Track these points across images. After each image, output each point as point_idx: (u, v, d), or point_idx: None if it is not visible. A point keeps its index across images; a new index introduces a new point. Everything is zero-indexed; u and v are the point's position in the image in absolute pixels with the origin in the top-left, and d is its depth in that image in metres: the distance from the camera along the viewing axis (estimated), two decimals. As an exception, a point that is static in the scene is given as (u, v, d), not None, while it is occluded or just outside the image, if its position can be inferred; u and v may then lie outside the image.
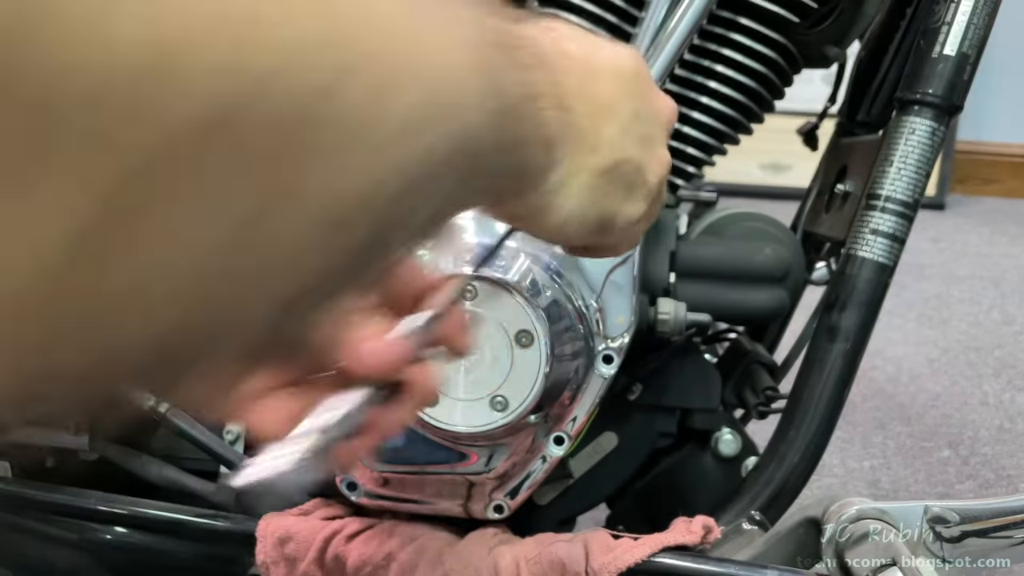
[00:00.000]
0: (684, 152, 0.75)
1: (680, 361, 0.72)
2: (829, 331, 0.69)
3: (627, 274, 0.65)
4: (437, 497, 0.66)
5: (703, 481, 0.76)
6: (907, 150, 0.69)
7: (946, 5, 0.70)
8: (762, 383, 0.77)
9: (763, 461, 0.70)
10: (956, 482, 1.36)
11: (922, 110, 0.69)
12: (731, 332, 0.85)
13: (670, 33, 0.71)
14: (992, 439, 1.46)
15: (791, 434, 0.68)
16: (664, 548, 0.60)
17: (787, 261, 0.71)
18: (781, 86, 0.76)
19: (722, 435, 0.75)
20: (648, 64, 0.71)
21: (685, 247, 0.71)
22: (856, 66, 0.86)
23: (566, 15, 0.73)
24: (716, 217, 0.74)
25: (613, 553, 0.59)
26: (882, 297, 0.70)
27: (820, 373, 0.69)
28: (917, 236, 0.73)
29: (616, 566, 0.58)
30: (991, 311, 1.97)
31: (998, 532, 0.62)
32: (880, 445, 1.45)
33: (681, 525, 0.62)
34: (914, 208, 0.69)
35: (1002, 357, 1.75)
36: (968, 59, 0.69)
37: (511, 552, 0.62)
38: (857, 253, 0.69)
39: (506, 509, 0.67)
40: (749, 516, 0.67)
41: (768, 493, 0.68)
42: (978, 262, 2.26)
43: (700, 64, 0.73)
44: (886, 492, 1.33)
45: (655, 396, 0.72)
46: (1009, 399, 1.59)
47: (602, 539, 0.61)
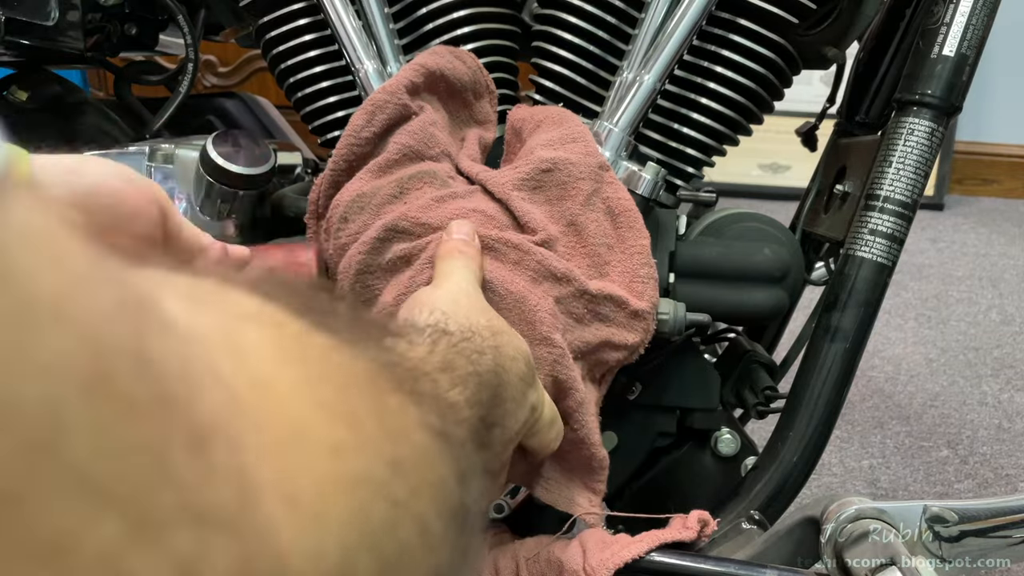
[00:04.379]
0: (683, 152, 0.75)
1: (679, 361, 0.72)
2: (828, 331, 0.70)
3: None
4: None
5: (702, 481, 0.76)
6: (906, 150, 0.69)
7: (945, 6, 0.70)
8: (761, 383, 0.77)
9: (762, 461, 0.70)
10: (955, 481, 1.36)
11: (921, 111, 0.69)
12: (730, 332, 0.85)
13: (670, 34, 0.71)
14: (991, 438, 1.47)
15: (790, 434, 0.69)
16: (661, 545, 0.60)
17: (786, 261, 0.71)
18: (780, 87, 0.77)
19: (721, 435, 0.75)
20: (648, 64, 0.71)
21: (684, 247, 0.71)
22: (855, 67, 0.86)
23: (566, 16, 0.73)
24: (715, 217, 0.74)
25: (610, 550, 0.59)
26: (881, 297, 0.70)
27: (819, 373, 0.69)
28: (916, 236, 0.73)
29: (613, 562, 0.58)
30: (989, 311, 1.97)
31: (997, 532, 0.62)
32: (879, 445, 1.45)
33: (678, 521, 0.62)
34: (913, 208, 0.70)
35: (1000, 357, 1.75)
36: (967, 60, 0.69)
37: (511, 552, 0.62)
38: (856, 253, 0.70)
39: (506, 509, 0.67)
40: (748, 515, 0.68)
41: (767, 492, 0.68)
42: (976, 262, 2.26)
43: (699, 65, 0.73)
44: (885, 491, 1.33)
45: (655, 396, 0.72)
46: (1008, 399, 1.59)
47: (598, 537, 0.61)
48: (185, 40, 0.80)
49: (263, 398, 0.20)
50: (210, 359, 0.19)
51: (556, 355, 0.59)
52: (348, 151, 0.66)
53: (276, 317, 0.23)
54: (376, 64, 0.74)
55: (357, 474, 0.22)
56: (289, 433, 0.20)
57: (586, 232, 0.64)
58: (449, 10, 0.74)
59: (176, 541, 0.16)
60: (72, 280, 0.16)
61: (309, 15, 0.75)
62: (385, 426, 0.24)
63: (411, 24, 0.75)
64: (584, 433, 0.60)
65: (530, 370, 0.50)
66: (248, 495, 0.18)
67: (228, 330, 0.21)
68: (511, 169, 0.66)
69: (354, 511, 0.21)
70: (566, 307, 0.62)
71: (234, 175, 0.71)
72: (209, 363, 0.19)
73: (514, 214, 0.64)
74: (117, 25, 0.83)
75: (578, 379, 0.60)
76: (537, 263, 0.61)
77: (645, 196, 0.70)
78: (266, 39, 0.77)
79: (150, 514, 0.16)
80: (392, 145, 0.66)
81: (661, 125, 0.74)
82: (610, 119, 0.72)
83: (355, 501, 0.22)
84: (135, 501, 0.15)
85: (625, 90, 0.72)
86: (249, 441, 0.19)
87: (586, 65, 0.74)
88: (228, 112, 1.03)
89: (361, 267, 0.62)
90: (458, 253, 0.57)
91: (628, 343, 0.63)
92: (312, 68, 0.76)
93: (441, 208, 0.63)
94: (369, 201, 0.64)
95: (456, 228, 0.59)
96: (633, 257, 0.64)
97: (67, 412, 0.15)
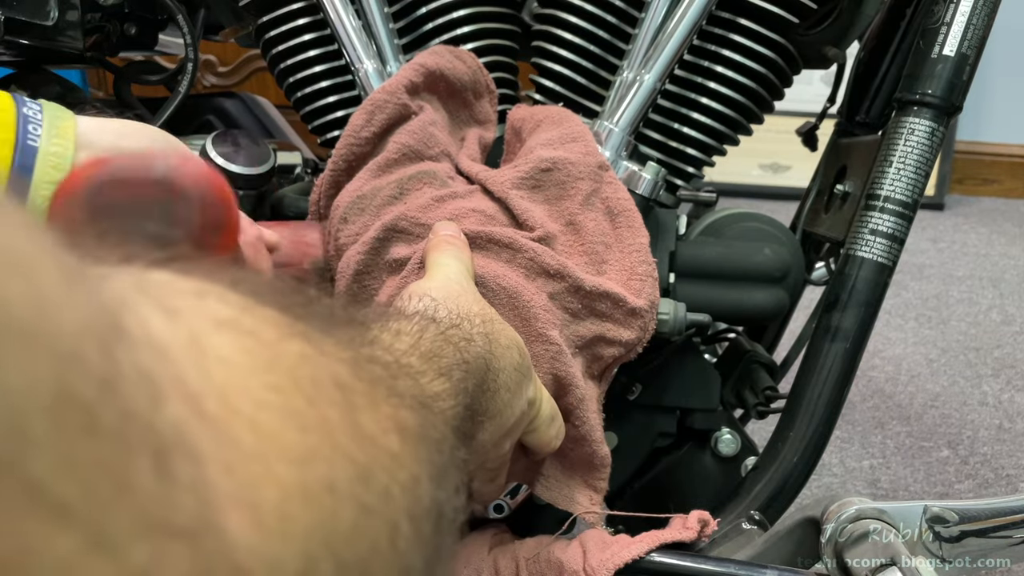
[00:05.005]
0: (684, 152, 0.75)
1: (680, 361, 0.72)
2: (828, 331, 0.69)
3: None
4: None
5: (703, 481, 0.76)
6: (906, 150, 0.69)
7: (945, 6, 0.70)
8: (761, 383, 0.77)
9: (762, 461, 0.70)
10: (955, 482, 1.36)
11: (921, 110, 0.69)
12: (730, 332, 0.85)
13: (670, 33, 0.71)
14: (991, 439, 1.46)
15: (790, 434, 0.69)
16: (661, 545, 0.60)
17: (786, 261, 0.71)
18: (780, 87, 0.76)
19: (721, 435, 0.75)
20: (648, 64, 0.71)
21: (685, 247, 0.71)
22: (855, 67, 0.86)
23: (566, 15, 0.73)
24: (715, 217, 0.74)
25: (610, 550, 0.59)
26: (881, 297, 0.70)
27: (819, 373, 0.69)
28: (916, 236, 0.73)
29: (613, 562, 0.58)
30: (990, 311, 1.97)
31: (997, 532, 0.62)
32: (879, 445, 1.45)
33: (677, 521, 0.62)
34: (913, 208, 0.69)
35: (1001, 357, 1.75)
36: (967, 60, 0.69)
37: (511, 552, 0.62)
38: (856, 253, 0.69)
39: (506, 509, 0.67)
40: (748, 516, 0.67)
41: (767, 493, 0.68)
42: (977, 262, 2.26)
43: (700, 65, 0.73)
44: (885, 492, 1.33)
45: (655, 396, 0.72)
46: (1008, 399, 1.59)
47: (599, 537, 0.61)
48: (185, 40, 0.80)
49: (230, 410, 0.21)
50: (178, 371, 0.20)
51: (554, 352, 0.59)
52: (348, 151, 0.66)
53: (251, 323, 0.24)
54: (376, 64, 0.74)
55: (324, 482, 0.22)
56: (254, 443, 0.21)
57: (584, 231, 0.64)
58: (449, 10, 0.74)
59: (133, 554, 0.17)
60: (42, 300, 0.16)
61: (309, 15, 0.75)
62: (357, 431, 0.25)
63: (411, 24, 0.75)
64: (586, 430, 0.60)
65: (524, 360, 0.49)
66: (208, 507, 0.19)
67: (199, 339, 0.21)
68: (511, 168, 0.66)
69: (319, 519, 0.22)
70: (560, 303, 0.62)
71: (234, 175, 0.71)
72: (176, 375, 0.20)
73: (513, 213, 0.64)
74: (116, 25, 0.83)
75: (578, 375, 0.60)
76: (529, 260, 0.61)
77: (645, 196, 0.70)
78: (266, 39, 0.77)
79: (108, 528, 0.16)
80: (392, 145, 0.66)
81: (661, 125, 0.74)
82: (610, 119, 0.71)
83: (321, 509, 0.22)
84: (94, 516, 0.16)
85: (625, 90, 0.72)
86: (212, 453, 0.19)
87: (586, 65, 0.73)
88: (228, 112, 1.03)
89: (360, 267, 0.62)
90: (447, 245, 0.57)
91: (623, 339, 0.63)
92: (312, 68, 0.76)
93: (441, 208, 0.63)
94: (369, 203, 0.64)
95: (442, 227, 0.60)
96: (631, 255, 0.64)
97: (30, 432, 0.15)
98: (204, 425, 0.20)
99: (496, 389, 0.45)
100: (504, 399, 0.46)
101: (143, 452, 0.17)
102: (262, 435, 0.21)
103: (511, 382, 0.47)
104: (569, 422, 0.60)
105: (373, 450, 0.25)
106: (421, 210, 0.62)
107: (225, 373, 0.21)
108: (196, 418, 0.19)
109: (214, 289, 0.23)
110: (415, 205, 0.62)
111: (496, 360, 0.45)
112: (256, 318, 0.24)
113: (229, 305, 0.23)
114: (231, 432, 0.20)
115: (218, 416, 0.20)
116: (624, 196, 0.65)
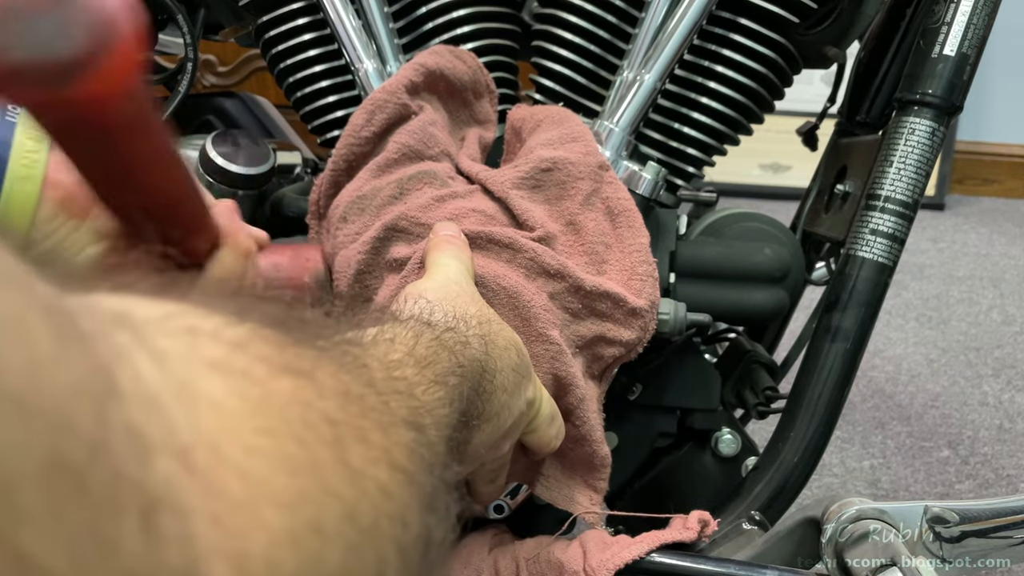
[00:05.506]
0: (684, 152, 0.75)
1: (680, 361, 0.72)
2: (829, 331, 0.69)
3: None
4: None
5: (703, 481, 0.76)
6: (907, 150, 0.69)
7: (946, 5, 0.70)
8: (762, 383, 0.77)
9: (763, 461, 0.70)
10: (956, 482, 1.36)
11: (922, 110, 0.69)
12: (731, 332, 0.85)
13: (670, 33, 0.71)
14: (992, 439, 1.46)
15: (791, 434, 0.68)
16: (661, 545, 0.60)
17: (787, 261, 0.71)
18: (781, 86, 0.76)
19: (722, 435, 0.75)
20: (649, 64, 0.71)
21: (685, 247, 0.71)
22: (856, 66, 0.86)
23: (566, 15, 0.73)
24: (716, 217, 0.74)
25: (611, 550, 0.59)
26: (882, 297, 0.70)
27: (820, 373, 0.69)
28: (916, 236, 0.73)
29: (614, 563, 0.58)
30: (990, 311, 1.97)
31: (998, 532, 0.62)
32: (880, 445, 1.45)
33: (678, 522, 0.62)
34: (914, 208, 0.69)
35: (1001, 357, 1.75)
36: (968, 59, 0.69)
37: (511, 552, 0.62)
38: (857, 253, 0.69)
39: (506, 509, 0.67)
40: (749, 516, 0.67)
41: (768, 493, 0.68)
42: (977, 262, 2.26)
43: (700, 64, 0.73)
44: (886, 492, 1.33)
45: (655, 396, 0.72)
46: (1008, 399, 1.59)
47: (599, 537, 0.61)
48: (184, 40, 0.80)
49: (219, 459, 0.21)
50: (168, 423, 0.20)
51: (554, 351, 0.59)
52: (348, 151, 0.66)
53: (243, 363, 0.24)
54: (376, 63, 0.74)
55: (311, 525, 0.22)
56: (243, 492, 0.21)
57: (585, 231, 0.64)
58: (449, 9, 0.74)
59: None
60: (36, 364, 0.16)
61: (308, 14, 0.75)
62: (346, 469, 0.25)
63: (411, 23, 0.75)
64: (586, 430, 0.60)
65: (523, 361, 0.49)
66: (194, 561, 0.19)
67: (190, 386, 0.21)
68: (511, 168, 0.66)
69: (306, 563, 0.22)
70: (561, 302, 0.62)
71: (233, 175, 0.71)
72: (167, 427, 0.20)
73: (513, 213, 0.64)
74: (116, 25, 0.83)
75: (578, 375, 0.60)
76: (529, 259, 0.61)
77: (645, 196, 0.70)
78: (265, 38, 0.77)
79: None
80: (392, 145, 0.65)
81: (661, 124, 0.74)
82: (610, 118, 0.71)
83: (308, 553, 0.22)
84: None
85: (625, 89, 0.72)
86: (199, 506, 0.20)
87: (586, 64, 0.73)
88: (227, 112, 1.02)
89: (361, 267, 0.62)
90: (447, 245, 0.57)
91: (624, 339, 0.63)
92: (311, 67, 0.76)
93: (441, 208, 0.63)
94: (369, 202, 0.64)
95: (442, 227, 0.60)
96: (631, 255, 0.64)
97: (21, 502, 0.15)
98: (192, 478, 0.20)
99: (492, 391, 0.44)
100: (501, 400, 0.46)
101: (130, 512, 0.17)
102: (251, 482, 0.21)
103: (508, 383, 0.46)
104: (569, 422, 0.60)
105: (363, 484, 0.25)
106: (421, 210, 0.62)
107: (215, 420, 0.21)
108: (184, 472, 0.19)
109: (207, 325, 0.23)
110: (415, 205, 0.62)
111: (493, 362, 0.45)
112: (248, 356, 0.24)
113: (221, 344, 0.23)
114: (220, 483, 0.20)
115: (207, 467, 0.20)
116: (624, 196, 0.65)
